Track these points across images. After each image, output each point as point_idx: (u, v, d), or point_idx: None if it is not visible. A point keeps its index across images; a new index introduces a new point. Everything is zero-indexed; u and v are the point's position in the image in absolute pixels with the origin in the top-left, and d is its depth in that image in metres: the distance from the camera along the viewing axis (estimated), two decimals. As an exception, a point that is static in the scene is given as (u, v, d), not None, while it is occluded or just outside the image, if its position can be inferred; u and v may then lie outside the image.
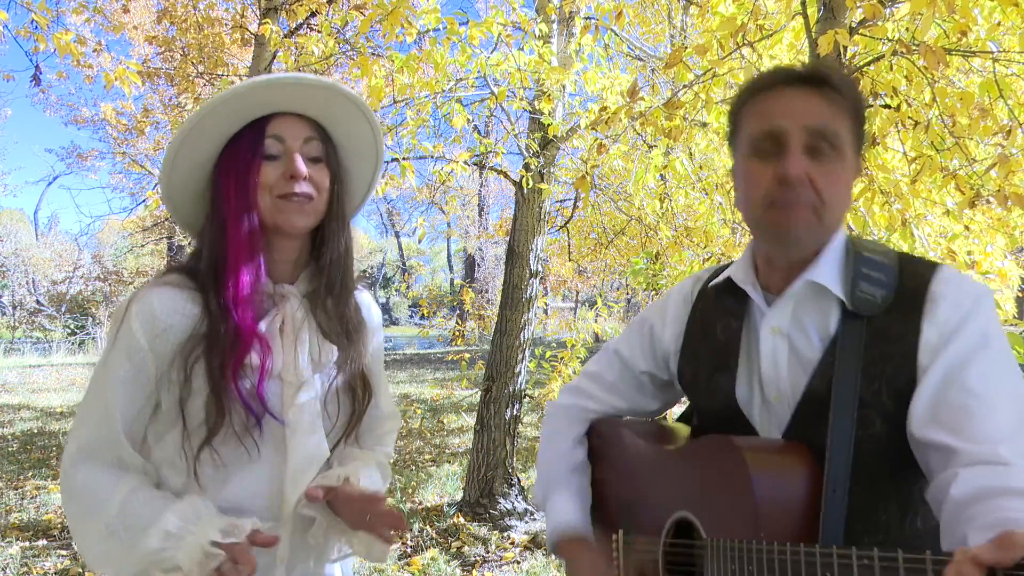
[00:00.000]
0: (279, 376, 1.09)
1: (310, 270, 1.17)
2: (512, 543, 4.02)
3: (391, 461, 1.33)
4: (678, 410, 1.41)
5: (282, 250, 1.13)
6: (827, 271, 0.98)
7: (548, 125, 4.28)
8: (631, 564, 1.14)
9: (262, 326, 1.08)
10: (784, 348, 1.01)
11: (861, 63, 2.44)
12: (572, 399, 1.30)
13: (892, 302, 0.95)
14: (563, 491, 1.20)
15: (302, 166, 1.07)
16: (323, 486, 1.08)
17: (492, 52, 3.93)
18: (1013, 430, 0.84)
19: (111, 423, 1.03)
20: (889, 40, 2.35)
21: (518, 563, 3.74)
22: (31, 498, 4.86)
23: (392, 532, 1.08)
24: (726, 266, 1.15)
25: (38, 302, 25.33)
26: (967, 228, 3.29)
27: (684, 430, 1.25)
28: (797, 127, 0.94)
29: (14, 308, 25.91)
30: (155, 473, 1.08)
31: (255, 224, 1.07)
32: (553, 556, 1.28)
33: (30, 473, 5.62)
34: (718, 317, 1.12)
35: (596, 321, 6.19)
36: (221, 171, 1.09)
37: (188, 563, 0.95)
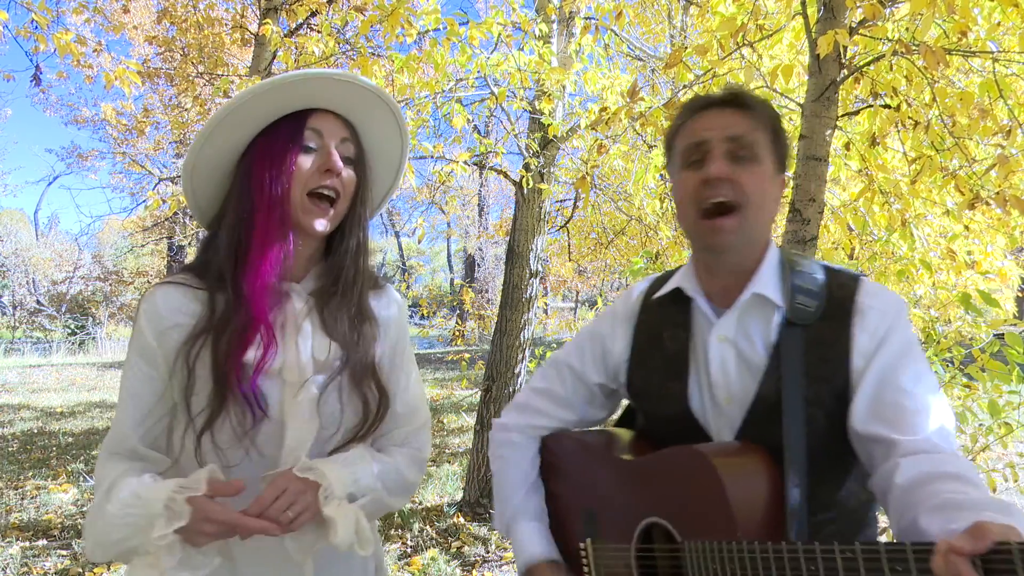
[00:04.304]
0: (279, 374, 1.08)
1: (320, 268, 1.17)
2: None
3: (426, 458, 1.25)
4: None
5: (299, 245, 1.13)
6: (769, 283, 1.09)
7: (548, 125, 4.28)
8: (602, 570, 1.17)
9: None
10: (732, 355, 1.10)
11: (861, 63, 2.44)
12: (520, 418, 1.31)
13: (824, 311, 1.06)
14: (525, 519, 1.24)
15: (338, 161, 1.10)
16: (268, 474, 1.04)
17: (492, 52, 3.93)
18: (938, 421, 0.97)
19: (123, 419, 1.07)
20: (889, 40, 2.35)
21: (518, 563, 3.73)
22: (31, 498, 4.86)
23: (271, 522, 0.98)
24: (666, 277, 1.23)
25: (38, 302, 25.34)
26: (967, 228, 3.29)
27: (629, 435, 1.29)
28: (719, 137, 1.07)
29: (14, 308, 25.91)
30: (175, 468, 1.09)
31: (286, 213, 1.08)
32: None
33: (30, 473, 5.62)
34: (664, 327, 1.19)
35: (596, 321, 6.19)
36: (255, 157, 1.10)
37: (152, 548, 0.95)
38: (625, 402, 1.38)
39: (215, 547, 1.01)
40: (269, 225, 1.07)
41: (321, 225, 1.10)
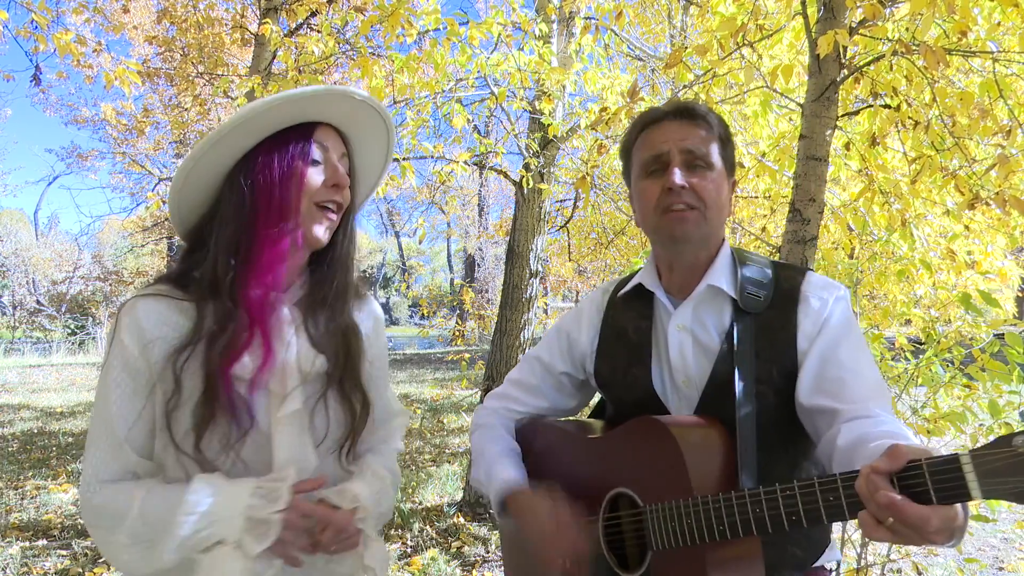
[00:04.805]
0: (265, 385, 1.07)
1: (305, 279, 1.17)
2: (512, 543, 4.02)
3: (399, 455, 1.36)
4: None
5: (291, 256, 1.11)
6: (722, 276, 1.21)
7: (548, 125, 4.28)
8: None
9: None
10: (689, 341, 1.22)
11: (861, 63, 2.44)
12: (498, 403, 1.47)
13: (772, 300, 1.19)
14: (504, 461, 1.34)
15: (345, 176, 1.13)
16: (321, 497, 1.08)
17: (492, 52, 3.92)
18: (875, 391, 1.09)
19: (114, 435, 1.04)
20: (889, 40, 2.35)
21: (518, 563, 3.73)
22: (31, 498, 4.86)
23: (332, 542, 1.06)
24: (628, 279, 1.35)
25: (38, 302, 25.33)
26: (967, 228, 3.29)
27: (599, 423, 1.41)
28: (676, 149, 1.19)
29: (14, 308, 25.91)
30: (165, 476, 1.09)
31: (293, 223, 1.07)
32: (498, 514, 1.33)
33: (30, 473, 5.62)
34: (628, 321, 1.32)
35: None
36: (259, 166, 1.07)
37: (234, 534, 0.97)
38: (596, 399, 1.52)
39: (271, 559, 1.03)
40: (274, 234, 1.06)
41: (324, 234, 1.11)
